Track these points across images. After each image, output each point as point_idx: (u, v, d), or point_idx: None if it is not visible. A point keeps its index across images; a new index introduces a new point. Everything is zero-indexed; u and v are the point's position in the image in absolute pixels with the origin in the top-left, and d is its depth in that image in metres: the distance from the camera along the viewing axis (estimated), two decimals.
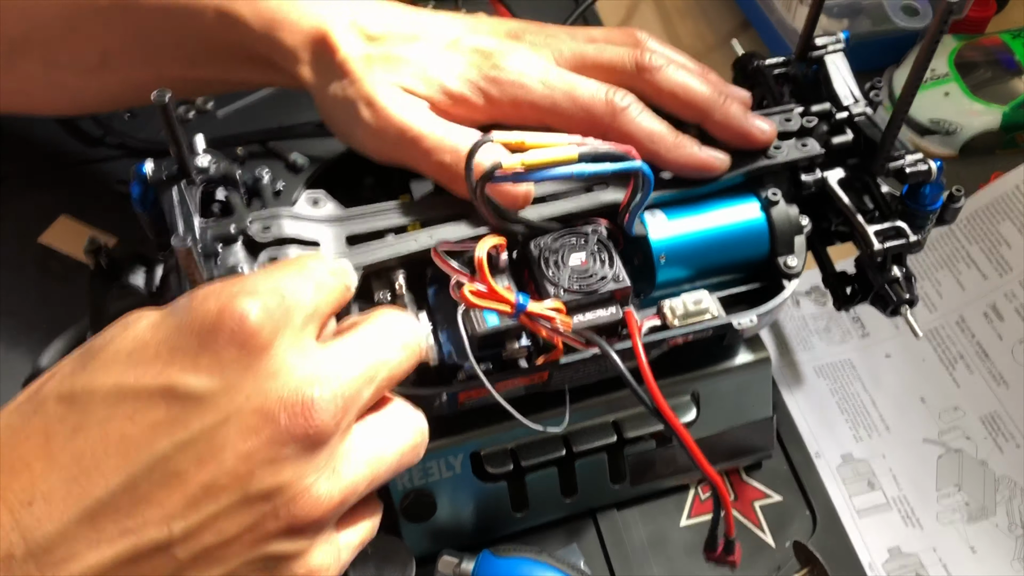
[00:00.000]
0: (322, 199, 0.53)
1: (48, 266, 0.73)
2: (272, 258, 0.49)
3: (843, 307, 0.61)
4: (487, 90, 0.54)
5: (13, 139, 0.79)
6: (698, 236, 0.54)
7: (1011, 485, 0.64)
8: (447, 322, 0.51)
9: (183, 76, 0.60)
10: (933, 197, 0.56)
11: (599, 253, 0.51)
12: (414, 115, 0.53)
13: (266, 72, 0.58)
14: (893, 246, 0.55)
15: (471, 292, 0.45)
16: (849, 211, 0.56)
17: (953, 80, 0.82)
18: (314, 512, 0.38)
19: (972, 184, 0.79)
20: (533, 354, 0.50)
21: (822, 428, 0.68)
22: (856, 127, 0.57)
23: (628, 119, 0.54)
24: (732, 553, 0.52)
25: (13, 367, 0.67)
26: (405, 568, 0.55)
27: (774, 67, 0.62)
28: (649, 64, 0.55)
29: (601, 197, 0.53)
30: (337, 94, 0.54)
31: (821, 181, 0.57)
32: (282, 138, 0.80)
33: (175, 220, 0.49)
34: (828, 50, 0.60)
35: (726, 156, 0.55)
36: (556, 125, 0.54)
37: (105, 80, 0.62)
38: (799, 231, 0.56)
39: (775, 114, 0.57)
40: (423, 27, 0.57)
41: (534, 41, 0.56)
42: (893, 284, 0.56)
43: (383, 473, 0.42)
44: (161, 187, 0.51)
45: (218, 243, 0.49)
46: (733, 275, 0.57)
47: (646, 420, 0.58)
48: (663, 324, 0.52)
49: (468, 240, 0.50)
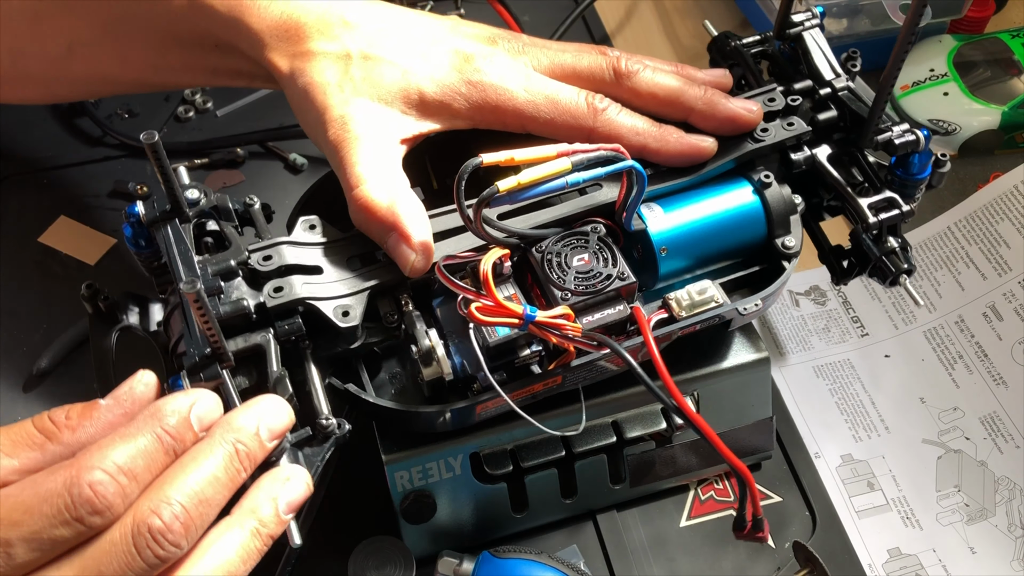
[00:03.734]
0: (318, 224, 0.53)
1: (48, 266, 0.73)
2: (277, 288, 0.48)
3: (841, 281, 0.61)
4: (469, 95, 0.54)
5: (13, 139, 0.79)
6: (696, 225, 0.55)
7: (1010, 486, 0.64)
8: (456, 335, 0.51)
9: (149, 64, 0.60)
10: (922, 166, 0.56)
11: (601, 252, 0.51)
12: (378, 188, 0.50)
13: (233, 59, 0.57)
14: (888, 217, 0.56)
15: (478, 309, 0.46)
16: (841, 186, 0.57)
17: (952, 80, 0.82)
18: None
19: (971, 184, 0.79)
20: (545, 358, 0.50)
21: (822, 428, 0.68)
22: (840, 102, 0.58)
23: (610, 117, 0.54)
24: (760, 530, 0.52)
25: (13, 367, 0.68)
26: (405, 569, 0.55)
27: (751, 46, 0.63)
28: (626, 69, 0.56)
29: (596, 198, 0.54)
30: (308, 96, 0.53)
31: (811, 159, 0.57)
32: (282, 138, 0.80)
33: (174, 261, 0.48)
34: (805, 26, 0.60)
35: (712, 139, 0.55)
36: (538, 131, 0.54)
37: (72, 69, 0.61)
38: (793, 210, 0.56)
39: (758, 95, 0.58)
40: (402, 23, 0.56)
41: (510, 48, 0.56)
42: (890, 255, 0.56)
43: None
44: (155, 226, 0.50)
45: (219, 279, 0.48)
46: (733, 260, 0.57)
47: (646, 421, 0.58)
48: (670, 316, 0.52)
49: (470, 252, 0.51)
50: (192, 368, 0.45)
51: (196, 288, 0.40)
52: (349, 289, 0.50)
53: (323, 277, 0.50)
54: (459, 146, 0.59)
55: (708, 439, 0.48)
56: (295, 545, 0.43)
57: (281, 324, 0.48)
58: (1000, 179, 0.74)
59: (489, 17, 0.82)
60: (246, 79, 0.59)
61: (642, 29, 0.93)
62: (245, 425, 0.42)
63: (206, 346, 0.45)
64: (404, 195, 0.51)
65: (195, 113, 0.82)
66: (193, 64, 0.59)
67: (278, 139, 0.80)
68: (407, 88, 0.53)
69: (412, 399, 0.53)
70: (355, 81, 0.52)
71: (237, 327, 0.48)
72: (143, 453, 0.39)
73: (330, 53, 0.53)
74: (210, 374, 0.45)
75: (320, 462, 0.46)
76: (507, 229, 0.50)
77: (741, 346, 0.60)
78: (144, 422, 0.40)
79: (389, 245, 0.50)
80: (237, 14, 0.54)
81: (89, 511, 0.37)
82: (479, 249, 0.51)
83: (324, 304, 0.49)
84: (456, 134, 0.55)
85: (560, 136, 0.53)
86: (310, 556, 0.58)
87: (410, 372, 0.54)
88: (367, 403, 0.51)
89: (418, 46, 0.55)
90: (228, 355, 0.45)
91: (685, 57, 0.90)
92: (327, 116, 0.52)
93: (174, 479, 0.39)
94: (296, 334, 0.48)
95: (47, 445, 0.40)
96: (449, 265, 0.49)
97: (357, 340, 0.51)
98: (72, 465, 0.38)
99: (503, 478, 0.57)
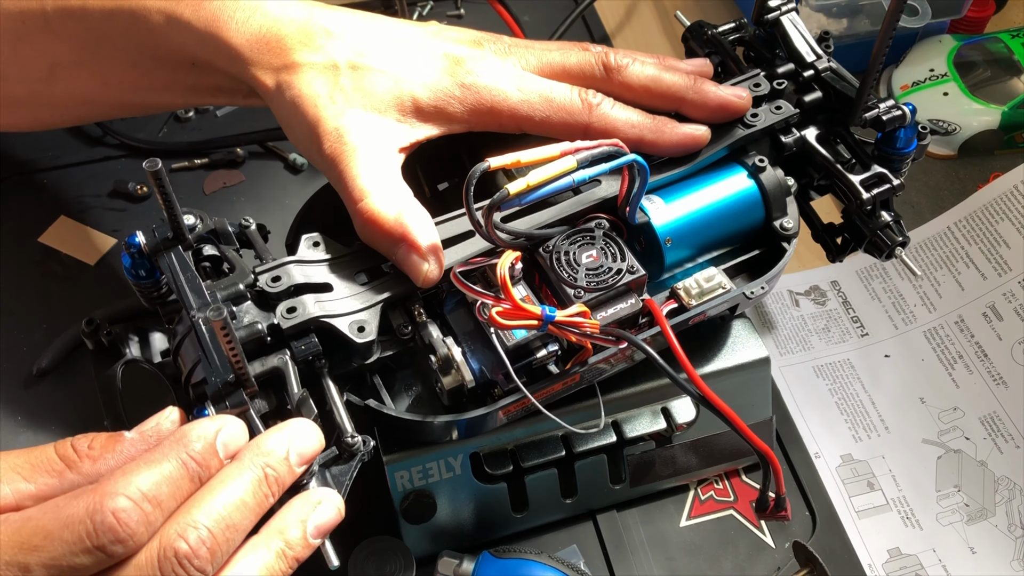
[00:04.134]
0: (321, 240, 0.52)
1: (48, 266, 0.73)
2: (290, 309, 0.48)
3: (837, 258, 0.62)
4: (464, 99, 0.53)
5: (13, 139, 0.79)
6: (698, 214, 0.55)
7: (1010, 486, 0.64)
8: (471, 341, 0.51)
9: (130, 84, 0.59)
10: (907, 140, 0.57)
11: (608, 247, 0.51)
12: (383, 200, 0.50)
13: (212, 76, 0.56)
14: (880, 192, 0.56)
15: (499, 313, 0.46)
16: (832, 165, 0.57)
17: (952, 80, 0.82)
18: None
19: (971, 184, 0.79)
20: (561, 357, 0.50)
21: (822, 428, 0.68)
22: (824, 83, 0.59)
23: (605, 112, 0.54)
24: (783, 509, 0.53)
25: (13, 367, 0.68)
26: (405, 569, 0.55)
27: (728, 33, 0.63)
28: (616, 64, 0.56)
29: (595, 194, 0.54)
30: (298, 109, 0.52)
31: (800, 140, 0.58)
32: (282, 138, 0.80)
33: (182, 289, 0.47)
34: (783, 10, 0.61)
35: (705, 128, 0.56)
36: (534, 130, 0.54)
37: (55, 92, 0.60)
38: (788, 192, 0.57)
39: (743, 81, 0.58)
40: (385, 30, 0.55)
41: (496, 50, 0.56)
42: (885, 229, 0.57)
43: None
44: (157, 255, 0.49)
45: (230, 303, 0.48)
46: (733, 245, 0.58)
47: (646, 420, 0.58)
48: (680, 306, 0.53)
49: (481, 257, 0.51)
50: (216, 396, 0.44)
51: (223, 316, 0.40)
52: (362, 304, 0.49)
53: (334, 294, 0.50)
54: (447, 151, 0.59)
55: (734, 425, 0.49)
56: (333, 567, 0.43)
57: (297, 344, 0.47)
58: (1000, 179, 0.74)
59: (489, 17, 0.82)
60: (227, 96, 0.58)
61: (642, 29, 0.93)
62: (275, 449, 0.42)
63: (227, 373, 0.44)
64: (410, 205, 0.50)
65: (195, 113, 0.82)
66: (173, 83, 0.58)
67: (278, 139, 0.80)
68: (400, 95, 0.52)
69: (427, 408, 0.53)
70: (346, 91, 0.52)
71: (252, 352, 0.47)
72: (168, 480, 0.38)
73: (316, 64, 0.52)
74: (235, 401, 0.44)
75: (348, 480, 0.46)
76: (514, 231, 0.50)
77: (741, 346, 0.60)
78: (169, 448, 0.40)
79: (399, 257, 0.49)
80: (214, 30, 0.53)
81: (111, 540, 0.36)
82: (488, 254, 0.51)
83: (339, 321, 0.48)
84: (444, 140, 0.55)
85: (556, 134, 0.53)
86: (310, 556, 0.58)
87: (424, 380, 0.54)
88: (391, 417, 0.50)
89: (405, 53, 0.54)
90: (252, 380, 0.45)
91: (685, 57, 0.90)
92: (320, 129, 0.51)
93: (201, 502, 0.39)
94: (313, 353, 0.48)
95: (66, 473, 0.40)
96: (462, 272, 0.49)
97: (373, 355, 0.50)
98: (95, 491, 0.37)
99: (503, 478, 0.57)
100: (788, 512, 0.53)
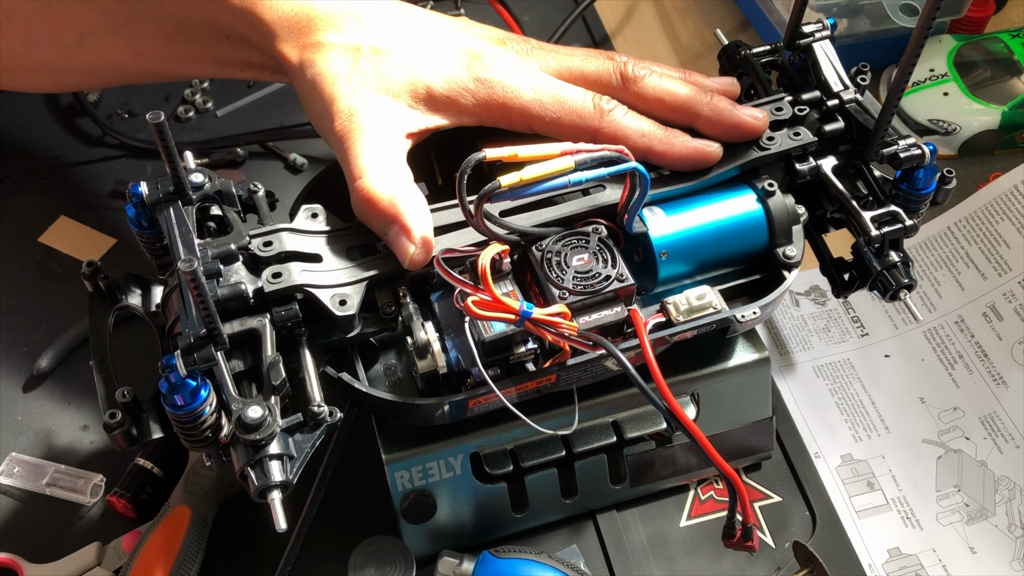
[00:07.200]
0: (320, 212, 0.53)
1: (48, 266, 0.73)
2: (276, 274, 0.49)
3: (842, 294, 0.61)
4: (476, 92, 0.54)
5: (13, 139, 0.79)
6: (698, 231, 0.55)
7: (1010, 486, 0.64)
8: (453, 329, 0.51)
9: (160, 54, 0.60)
10: (927, 180, 0.56)
11: (601, 253, 0.51)
12: (381, 180, 0.51)
13: (244, 51, 0.58)
14: (890, 231, 0.56)
15: (475, 303, 0.46)
16: (845, 198, 0.57)
17: (952, 80, 0.82)
18: None
19: (971, 184, 0.79)
20: (540, 357, 0.50)
21: (822, 428, 0.68)
22: (847, 114, 0.58)
23: (616, 118, 0.55)
24: (750, 539, 0.52)
25: (13, 367, 0.68)
26: (405, 569, 0.55)
27: (761, 55, 0.63)
28: (633, 74, 0.56)
29: (599, 199, 0.54)
30: (316, 87, 0.53)
31: (816, 169, 0.57)
32: (282, 138, 0.80)
33: (175, 242, 0.48)
34: (816, 37, 0.60)
35: (718, 145, 0.55)
36: (544, 130, 0.55)
37: (83, 58, 0.62)
38: (796, 220, 0.56)
39: (766, 104, 0.58)
40: (413, 19, 0.57)
41: (519, 50, 0.57)
42: (891, 269, 0.56)
43: None
44: (157, 207, 0.50)
45: (219, 262, 0.49)
46: (733, 268, 0.57)
47: (646, 421, 0.58)
48: (667, 320, 0.52)
49: (470, 247, 0.51)
50: (186, 348, 0.45)
51: (193, 267, 0.41)
52: (348, 278, 0.50)
53: (322, 265, 0.50)
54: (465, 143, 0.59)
55: (698, 443, 0.48)
56: (280, 529, 0.44)
57: (278, 310, 0.49)
58: (1000, 179, 0.74)
59: (489, 17, 0.82)
60: (255, 71, 0.60)
61: (642, 29, 0.93)
62: None
63: (201, 327, 0.45)
64: (406, 188, 0.51)
65: (195, 113, 0.82)
66: (203, 55, 0.60)
67: (278, 139, 0.80)
68: (415, 82, 0.54)
69: (407, 392, 0.53)
70: (364, 73, 0.53)
71: (234, 311, 0.48)
72: None
73: (340, 45, 0.54)
74: (204, 355, 0.45)
75: (310, 448, 0.47)
76: (508, 226, 0.50)
77: (741, 346, 0.60)
78: None
79: (389, 237, 0.50)
80: (249, 5, 0.55)
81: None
82: (479, 245, 0.51)
83: (322, 292, 0.49)
84: (463, 132, 0.56)
85: (565, 136, 0.53)
86: (310, 556, 0.58)
87: (405, 365, 0.54)
88: (359, 392, 0.51)
89: (428, 42, 0.55)
90: (223, 337, 0.46)
91: (685, 57, 0.90)
92: (334, 107, 0.52)
93: None
94: (292, 320, 0.49)
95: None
96: (448, 259, 0.49)
97: (353, 330, 0.51)
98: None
99: (503, 478, 0.57)
100: (755, 543, 0.52)
